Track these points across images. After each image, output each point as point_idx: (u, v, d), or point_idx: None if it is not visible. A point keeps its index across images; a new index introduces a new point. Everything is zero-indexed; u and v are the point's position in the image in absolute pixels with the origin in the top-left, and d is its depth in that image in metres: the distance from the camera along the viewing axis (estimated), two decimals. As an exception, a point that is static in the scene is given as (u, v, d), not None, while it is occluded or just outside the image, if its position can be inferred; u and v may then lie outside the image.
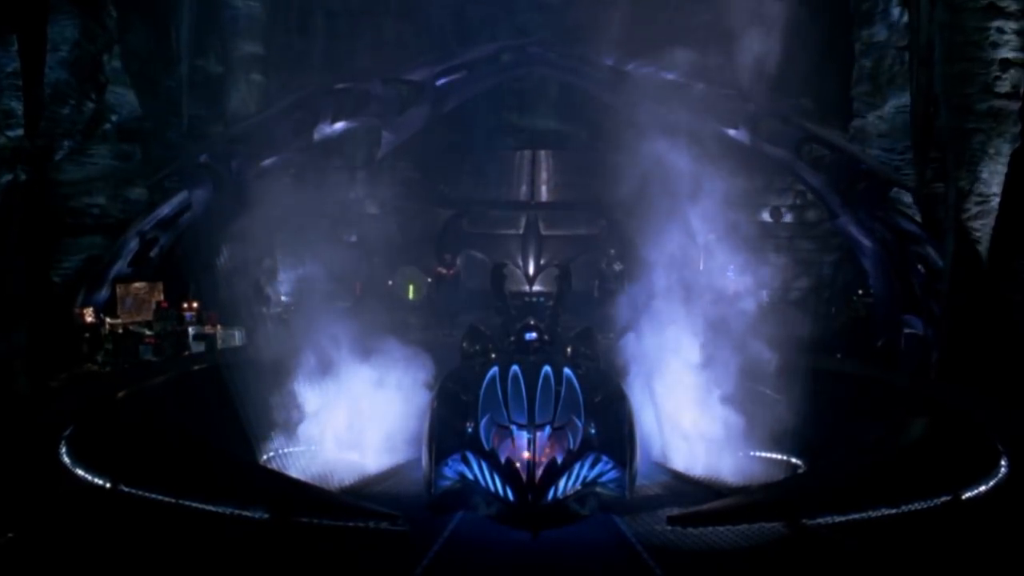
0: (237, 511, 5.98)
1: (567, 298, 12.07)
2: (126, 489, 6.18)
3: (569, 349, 9.41)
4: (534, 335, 8.88)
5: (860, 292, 15.90)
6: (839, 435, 8.60)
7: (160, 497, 6.08)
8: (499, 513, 6.44)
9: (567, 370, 7.49)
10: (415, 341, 9.44)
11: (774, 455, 8.80)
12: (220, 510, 5.98)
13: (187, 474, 6.72)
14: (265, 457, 8.67)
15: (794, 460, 8.78)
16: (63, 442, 6.87)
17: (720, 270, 10.89)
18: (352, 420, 8.81)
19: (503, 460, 6.45)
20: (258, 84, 17.02)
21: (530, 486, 6.23)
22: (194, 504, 6.01)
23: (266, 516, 5.97)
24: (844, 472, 7.64)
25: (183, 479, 6.46)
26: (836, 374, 10.81)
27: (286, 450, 8.74)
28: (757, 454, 8.73)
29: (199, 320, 13.49)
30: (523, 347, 8.73)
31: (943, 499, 6.21)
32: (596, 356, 9.64)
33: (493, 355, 9.13)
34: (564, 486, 6.38)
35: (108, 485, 6.25)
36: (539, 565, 5.99)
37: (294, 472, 8.14)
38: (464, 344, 9.78)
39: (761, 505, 6.67)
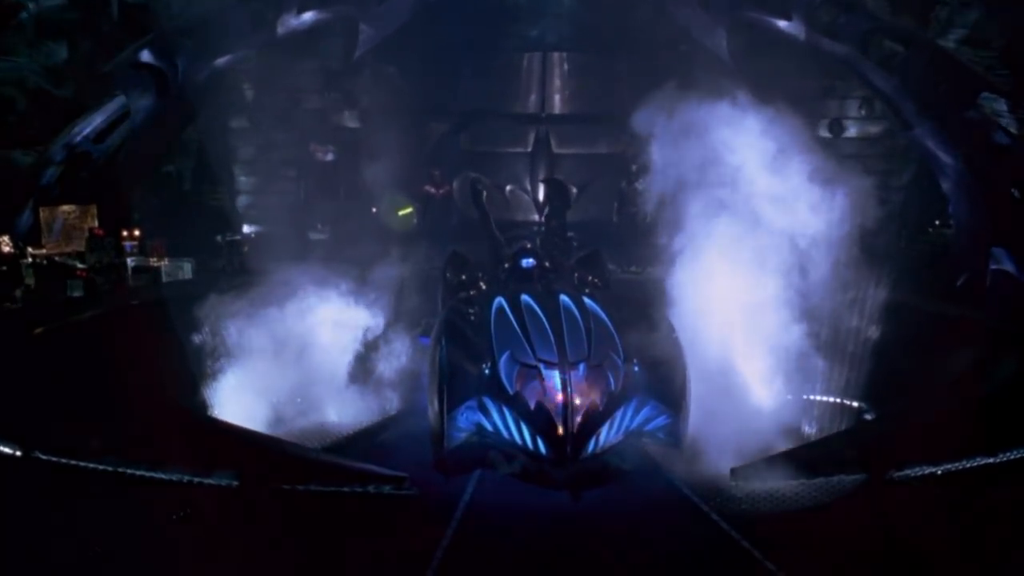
0: (197, 479, 5.73)
1: (563, 215, 11.88)
2: (43, 457, 6.02)
3: (576, 276, 9.26)
4: (532, 261, 8.74)
5: (938, 221, 15.44)
6: (906, 378, 8.74)
7: (94, 465, 5.91)
8: (524, 471, 6.26)
9: (588, 300, 7.41)
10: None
11: (833, 399, 8.95)
12: (175, 478, 5.75)
13: (129, 435, 6.45)
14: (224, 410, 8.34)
15: (856, 404, 8.94)
16: None
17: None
18: (325, 365, 8.55)
19: (532, 406, 6.19)
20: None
21: (568, 436, 5.98)
22: (140, 472, 5.79)
23: (235, 483, 5.72)
24: (925, 420, 7.71)
25: (123, 441, 6.23)
26: (905, 307, 10.60)
27: (250, 398, 8.37)
28: (814, 397, 8.87)
29: (142, 251, 13.06)
30: (520, 275, 8.56)
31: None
32: (606, 283, 9.53)
33: (483, 285, 9.08)
34: (605, 436, 6.27)
35: (18, 453, 6.01)
36: (587, 533, 5.67)
37: (264, 428, 7.73)
38: (447, 274, 9.62)
39: (842, 456, 6.84)
